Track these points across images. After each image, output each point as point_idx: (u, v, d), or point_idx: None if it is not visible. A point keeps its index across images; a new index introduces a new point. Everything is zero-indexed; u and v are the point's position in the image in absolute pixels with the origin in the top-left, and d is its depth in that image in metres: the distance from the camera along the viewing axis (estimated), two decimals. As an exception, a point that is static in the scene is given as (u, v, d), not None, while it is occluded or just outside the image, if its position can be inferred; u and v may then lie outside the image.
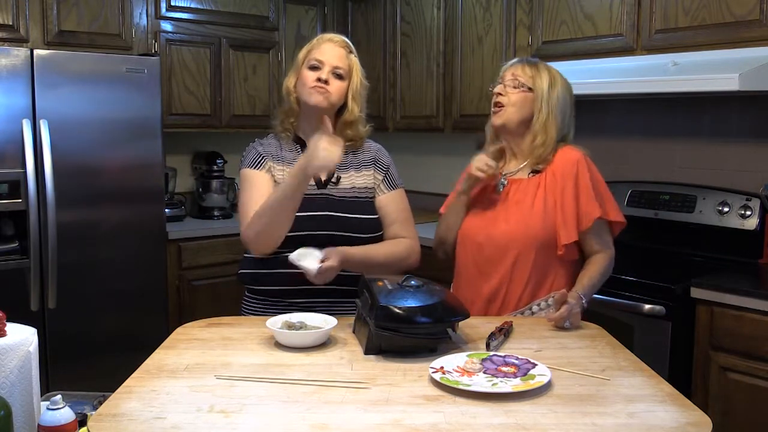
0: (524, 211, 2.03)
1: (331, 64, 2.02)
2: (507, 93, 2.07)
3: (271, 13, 4.21)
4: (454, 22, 3.76)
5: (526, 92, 2.06)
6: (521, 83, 2.06)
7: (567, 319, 1.83)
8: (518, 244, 2.01)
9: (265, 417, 1.30)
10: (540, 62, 2.12)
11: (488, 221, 2.07)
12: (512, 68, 2.10)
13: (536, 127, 2.06)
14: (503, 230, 2.03)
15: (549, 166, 2.06)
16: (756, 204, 2.85)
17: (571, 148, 2.08)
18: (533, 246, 2.00)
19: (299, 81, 2.06)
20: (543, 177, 2.06)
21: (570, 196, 2.00)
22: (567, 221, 1.99)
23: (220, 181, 4.19)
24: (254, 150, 2.11)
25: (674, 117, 3.20)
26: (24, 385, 1.29)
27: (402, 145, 4.33)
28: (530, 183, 2.07)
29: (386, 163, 2.15)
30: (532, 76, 2.06)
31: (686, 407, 1.34)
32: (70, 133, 3.20)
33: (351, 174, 2.09)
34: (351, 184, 2.08)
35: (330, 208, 2.03)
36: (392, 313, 1.58)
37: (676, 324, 2.53)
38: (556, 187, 2.02)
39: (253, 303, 2.11)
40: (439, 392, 1.41)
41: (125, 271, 3.39)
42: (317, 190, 2.05)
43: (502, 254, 2.03)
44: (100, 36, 3.61)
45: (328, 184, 2.07)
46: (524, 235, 2.00)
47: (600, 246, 2.05)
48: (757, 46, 2.58)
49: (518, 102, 2.06)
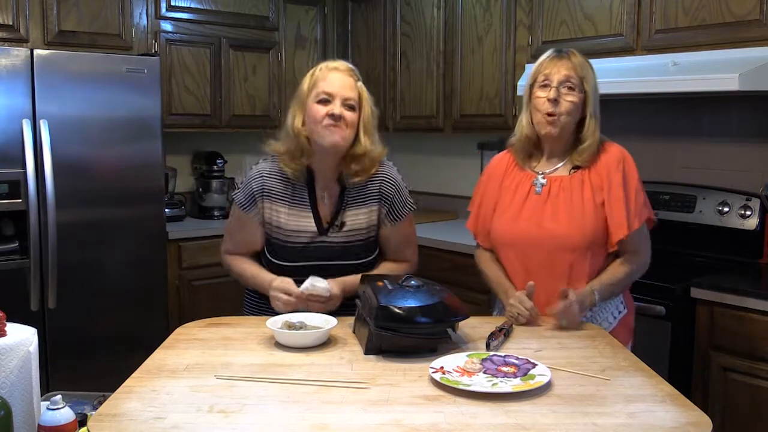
0: (575, 210, 1.92)
1: (342, 95, 1.90)
2: (562, 98, 1.89)
3: (271, 13, 4.21)
4: (454, 22, 3.76)
5: (579, 95, 1.91)
6: (575, 84, 1.89)
7: (563, 316, 1.81)
8: (573, 245, 1.91)
9: (265, 417, 1.30)
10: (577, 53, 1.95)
11: (533, 223, 1.96)
12: (562, 67, 1.91)
13: (588, 132, 1.92)
14: (552, 230, 1.93)
15: (591, 161, 1.95)
16: (756, 204, 2.85)
17: (612, 144, 1.98)
18: (587, 244, 1.91)
19: (309, 117, 1.92)
20: (586, 173, 1.94)
21: (619, 193, 1.90)
22: (618, 217, 1.90)
23: (220, 181, 4.19)
24: (249, 186, 2.01)
25: (674, 117, 3.20)
26: (24, 385, 1.29)
27: (402, 145, 4.33)
28: (573, 180, 1.95)
29: (390, 193, 2.03)
30: (584, 76, 1.90)
31: (686, 407, 1.34)
32: (70, 133, 3.20)
33: (354, 213, 2.00)
34: (351, 226, 2.00)
35: (326, 257, 1.99)
36: (392, 313, 1.58)
37: (676, 324, 2.53)
38: (602, 183, 1.92)
39: (254, 301, 2.11)
40: (439, 392, 1.41)
41: (125, 271, 3.39)
42: (317, 237, 1.98)
43: (555, 253, 1.93)
44: (100, 36, 3.61)
45: (330, 230, 1.99)
46: (579, 234, 1.91)
47: (636, 248, 1.95)
48: (757, 46, 2.58)
49: (572, 110, 1.90)
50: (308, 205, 1.99)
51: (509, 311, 1.89)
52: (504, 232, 2.02)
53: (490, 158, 4.02)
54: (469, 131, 3.82)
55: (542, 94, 1.92)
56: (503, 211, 2.03)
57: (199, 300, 3.77)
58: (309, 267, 1.95)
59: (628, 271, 1.95)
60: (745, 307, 2.38)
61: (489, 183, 2.11)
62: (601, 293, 1.89)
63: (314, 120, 1.90)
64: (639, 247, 1.96)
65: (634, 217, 1.91)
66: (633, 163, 1.97)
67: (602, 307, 1.98)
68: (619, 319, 2.02)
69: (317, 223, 1.98)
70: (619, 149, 1.98)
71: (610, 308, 2.01)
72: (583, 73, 1.91)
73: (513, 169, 2.06)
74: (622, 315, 2.03)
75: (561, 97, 1.90)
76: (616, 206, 1.91)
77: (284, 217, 1.99)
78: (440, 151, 4.37)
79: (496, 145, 3.99)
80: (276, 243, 2.03)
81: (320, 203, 2.00)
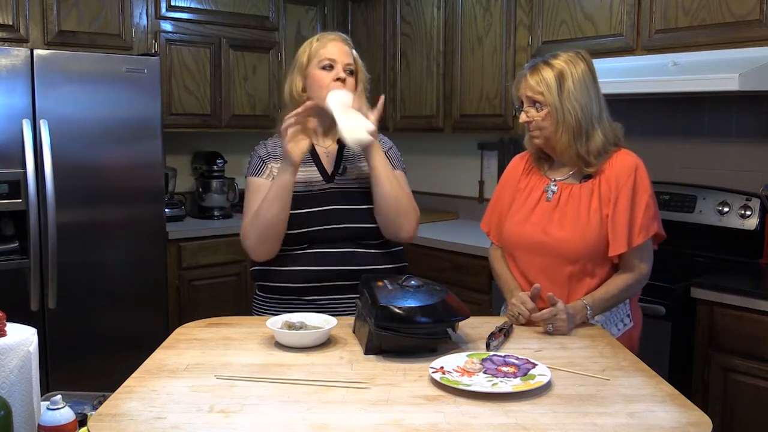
0: (581, 220, 1.92)
1: (343, 61, 2.03)
2: (532, 119, 1.95)
3: (271, 13, 4.21)
4: (454, 22, 3.77)
5: (544, 109, 1.93)
6: (536, 101, 1.94)
7: (549, 322, 1.79)
8: (574, 254, 1.91)
9: (265, 417, 1.30)
10: (541, 63, 1.96)
11: (539, 229, 1.97)
12: (522, 87, 1.97)
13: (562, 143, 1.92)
14: (555, 237, 1.94)
15: (603, 171, 1.93)
16: (756, 204, 2.85)
17: (627, 153, 1.96)
18: (590, 257, 1.91)
19: (311, 83, 2.04)
20: (596, 183, 1.94)
21: (625, 206, 1.89)
22: (619, 232, 1.89)
23: (220, 181, 4.19)
24: (256, 155, 2.13)
25: (674, 117, 3.20)
26: (24, 385, 1.29)
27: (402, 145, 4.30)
28: (583, 189, 1.95)
29: (386, 146, 2.14)
30: (542, 92, 1.92)
31: (686, 407, 1.34)
32: (70, 133, 3.20)
33: (356, 164, 2.11)
34: (356, 174, 2.10)
35: (337, 201, 2.05)
36: (392, 313, 1.58)
37: (676, 324, 2.53)
38: (610, 194, 1.91)
39: (264, 301, 2.11)
40: (439, 392, 1.41)
41: (125, 271, 3.39)
42: (325, 184, 2.07)
43: (558, 263, 1.94)
44: (100, 36, 3.61)
45: (335, 177, 2.08)
46: (581, 244, 1.90)
47: (636, 261, 1.93)
48: (757, 46, 2.58)
49: (545, 123, 1.93)
50: (311, 160, 2.09)
51: (510, 310, 1.91)
52: (511, 234, 2.05)
53: (489, 158, 4.08)
54: (469, 131, 3.82)
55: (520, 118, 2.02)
56: (514, 213, 2.06)
57: (199, 300, 3.77)
58: (321, 212, 2.03)
59: (624, 286, 1.93)
60: (745, 307, 2.38)
61: (506, 184, 2.15)
62: (594, 308, 1.88)
63: (320, 85, 2.02)
64: (639, 260, 1.94)
65: (639, 232, 1.89)
66: (645, 175, 1.93)
67: (607, 317, 1.97)
68: (624, 332, 2.00)
69: (322, 173, 2.08)
70: (633, 159, 1.94)
71: (615, 319, 2.00)
72: (540, 89, 1.92)
73: (530, 172, 2.09)
74: (627, 328, 2.01)
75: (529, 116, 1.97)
76: (620, 220, 1.89)
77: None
78: (440, 151, 4.37)
79: (496, 145, 4.00)
80: None
81: (322, 156, 2.11)
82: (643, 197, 1.91)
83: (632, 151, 1.99)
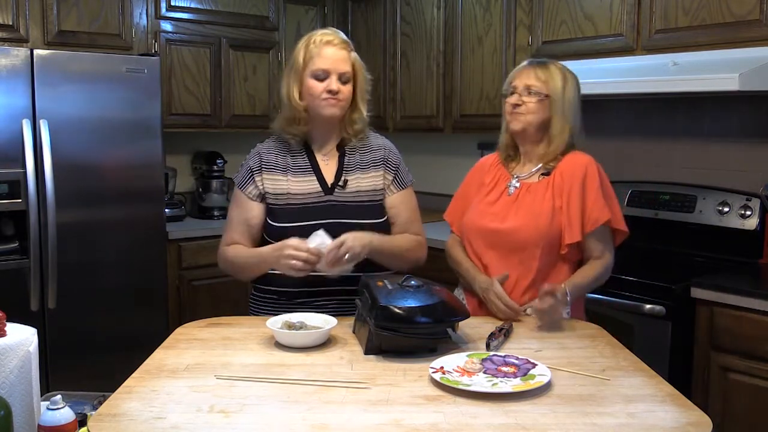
0: (534, 210, 2.03)
1: (337, 71, 1.97)
2: (524, 102, 2.04)
3: (271, 13, 4.21)
4: (454, 22, 3.76)
5: (543, 99, 2.04)
6: (536, 91, 2.03)
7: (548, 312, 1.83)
8: (525, 239, 2.01)
9: (265, 417, 1.30)
10: (549, 62, 2.09)
11: (498, 218, 2.07)
12: (524, 77, 2.06)
13: (554, 132, 2.05)
14: (512, 225, 2.03)
15: (557, 168, 2.05)
16: (756, 204, 2.85)
17: (581, 153, 2.08)
18: (539, 242, 2.00)
19: (306, 91, 2.00)
20: (551, 178, 2.05)
21: (576, 198, 2.00)
22: (572, 222, 1.99)
23: (220, 181, 4.19)
24: (246, 164, 2.10)
25: (674, 117, 3.20)
26: (24, 385, 1.29)
27: (402, 145, 4.27)
28: (540, 185, 2.06)
29: (396, 162, 2.13)
30: (546, 81, 2.03)
31: (686, 407, 1.35)
32: (70, 133, 3.20)
33: (356, 176, 2.07)
34: (356, 187, 2.06)
35: (336, 215, 2.00)
36: (392, 313, 1.58)
37: (676, 324, 2.53)
38: (563, 187, 2.02)
39: (260, 301, 2.11)
40: (439, 392, 1.41)
41: (125, 271, 3.39)
42: (323, 195, 2.03)
43: (509, 248, 2.03)
44: (100, 36, 3.61)
45: (335, 189, 2.04)
46: (533, 230, 2.00)
47: (600, 251, 2.04)
48: (757, 46, 2.58)
49: (536, 109, 2.04)
50: (310, 169, 2.06)
51: (490, 307, 1.98)
52: (470, 223, 2.15)
53: (490, 158, 4.08)
54: (469, 131, 3.82)
55: (509, 100, 2.09)
56: (476, 205, 2.16)
57: (199, 300, 3.77)
58: (319, 226, 1.94)
59: (596, 275, 2.03)
60: (745, 307, 2.38)
61: (472, 178, 2.27)
62: (573, 294, 1.94)
63: (312, 95, 1.99)
64: (603, 249, 2.04)
65: (590, 220, 2.00)
66: (596, 171, 2.04)
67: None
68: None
69: (321, 184, 2.04)
70: (587, 158, 2.06)
71: None
72: (545, 79, 2.04)
73: (497, 169, 2.20)
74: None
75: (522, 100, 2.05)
76: (573, 211, 2.00)
77: (288, 183, 2.04)
78: (440, 151, 4.37)
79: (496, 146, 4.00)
80: (283, 209, 2.02)
81: (322, 166, 2.07)
82: (592, 188, 2.01)
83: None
